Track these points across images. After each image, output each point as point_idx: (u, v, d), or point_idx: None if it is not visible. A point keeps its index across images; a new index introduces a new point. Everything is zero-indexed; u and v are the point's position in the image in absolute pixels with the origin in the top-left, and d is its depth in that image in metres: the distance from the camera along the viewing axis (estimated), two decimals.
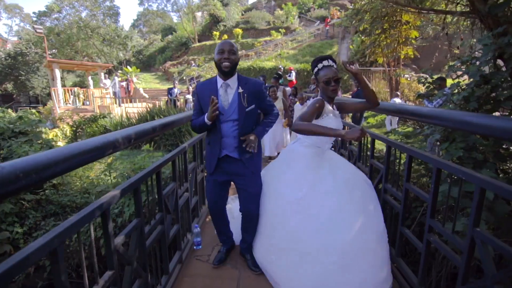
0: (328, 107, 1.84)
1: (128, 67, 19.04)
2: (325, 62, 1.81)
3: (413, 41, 9.73)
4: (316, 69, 1.84)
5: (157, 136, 6.27)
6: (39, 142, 4.64)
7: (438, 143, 2.70)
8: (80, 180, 4.58)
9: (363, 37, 11.01)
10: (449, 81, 4.05)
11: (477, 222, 1.23)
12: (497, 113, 2.48)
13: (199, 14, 28.85)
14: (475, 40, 3.40)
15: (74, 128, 5.81)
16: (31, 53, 25.83)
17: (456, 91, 2.35)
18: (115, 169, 4.26)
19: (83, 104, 14.48)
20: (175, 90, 10.56)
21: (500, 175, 2.38)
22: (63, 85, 17.05)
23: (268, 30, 23.02)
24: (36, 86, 28.01)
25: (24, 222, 3.68)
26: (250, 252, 2.11)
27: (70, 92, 14.75)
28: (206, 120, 1.79)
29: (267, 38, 21.56)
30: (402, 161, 2.02)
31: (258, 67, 16.25)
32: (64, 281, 0.82)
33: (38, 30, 14.30)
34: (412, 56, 10.22)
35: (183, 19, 29.26)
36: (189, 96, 9.74)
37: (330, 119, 1.84)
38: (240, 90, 1.81)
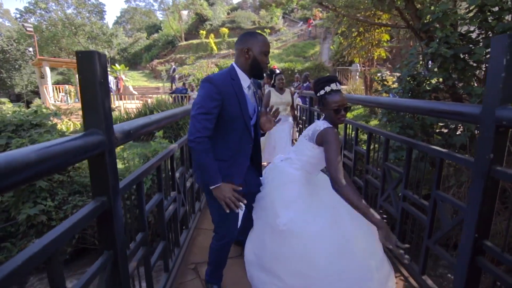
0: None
1: (117, 65, 19.31)
2: (333, 86, 1.55)
3: (384, 44, 10.83)
4: (323, 92, 1.58)
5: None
6: (57, 132, 5.26)
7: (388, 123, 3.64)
8: None
9: (341, 39, 12.04)
10: None
11: (438, 185, 1.57)
12: None
13: (185, 12, 29.19)
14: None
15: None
16: (12, 50, 25.34)
17: (395, 85, 3.29)
18: (131, 155, 4.98)
19: (74, 101, 14.76)
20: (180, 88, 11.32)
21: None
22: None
23: (253, 30, 23.78)
24: (17, 84, 27.46)
25: (54, 198, 4.34)
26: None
27: (58, 90, 14.96)
28: (213, 186, 1.42)
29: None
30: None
31: None
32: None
33: (28, 28, 14.40)
34: (384, 57, 11.35)
35: (169, 17, 29.50)
36: (192, 93, 10.34)
37: None
38: (256, 90, 1.64)
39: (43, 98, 14.72)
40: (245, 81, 1.52)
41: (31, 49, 24.35)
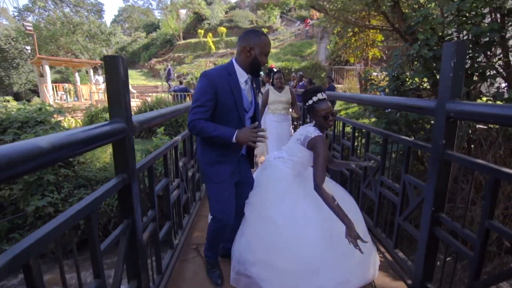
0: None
1: None
2: (319, 95, 1.78)
3: (379, 44, 11.09)
4: (311, 102, 1.80)
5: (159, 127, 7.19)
6: (62, 129, 5.47)
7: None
8: (98, 161, 5.47)
9: (337, 39, 12.30)
10: None
11: (406, 170, 1.84)
12: None
13: (183, 11, 29.32)
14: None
15: (90, 117, 6.64)
16: (10, 49, 25.38)
17: (381, 84, 3.54)
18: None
19: (73, 100, 14.91)
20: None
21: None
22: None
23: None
24: (15, 83, 27.49)
25: (60, 191, 4.56)
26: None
27: (57, 88, 15.09)
28: (234, 138, 1.50)
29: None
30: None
31: None
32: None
33: (28, 27, 14.52)
34: (379, 56, 11.63)
35: (167, 16, 29.62)
36: (192, 91, 10.61)
37: None
38: (254, 85, 1.74)
39: (42, 97, 14.83)
40: (243, 76, 1.61)
41: (28, 47, 24.44)
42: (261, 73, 12.37)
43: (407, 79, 3.28)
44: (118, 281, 1.25)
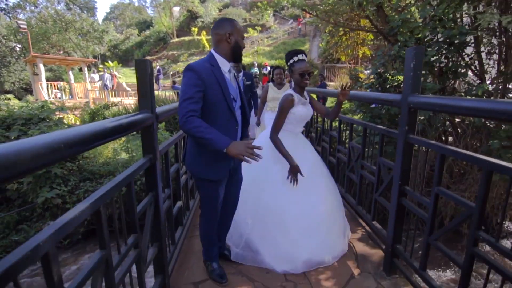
0: (298, 97, 2.07)
1: (110, 61, 19.47)
2: (300, 56, 1.98)
3: (368, 42, 11.50)
4: (291, 61, 2.00)
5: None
6: (64, 125, 5.70)
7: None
8: (100, 156, 5.72)
9: (328, 38, 12.66)
10: None
11: (381, 153, 2.17)
12: None
13: (176, 9, 29.33)
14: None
15: (91, 114, 6.86)
16: (1, 47, 25.08)
17: (366, 81, 3.89)
18: (134, 146, 5.47)
19: (68, 98, 14.95)
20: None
21: None
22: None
23: (245, 27, 24.24)
24: (5, 81, 27.17)
25: (67, 184, 4.81)
26: (224, 248, 2.12)
27: (51, 86, 15.10)
28: (225, 148, 1.44)
29: (244, 35, 22.80)
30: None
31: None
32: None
33: (22, 26, 14.49)
34: (369, 55, 12.04)
35: (160, 14, 29.60)
36: None
37: (300, 107, 2.07)
38: (240, 76, 1.88)
39: (36, 95, 14.82)
40: (225, 65, 1.60)
41: (19, 45, 24.19)
42: (255, 70, 12.52)
43: (389, 77, 3.64)
44: (147, 242, 1.55)
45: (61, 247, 4.77)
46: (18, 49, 24.01)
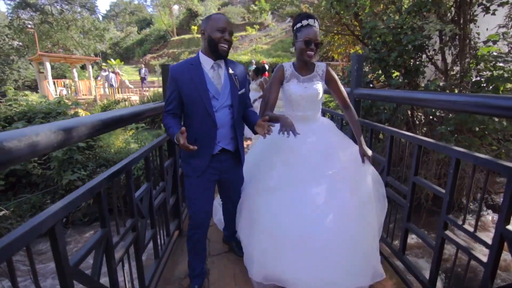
0: (291, 71, 1.76)
1: (112, 59, 20.08)
2: (310, 21, 1.62)
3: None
4: (299, 25, 1.65)
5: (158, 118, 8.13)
6: None
7: None
8: (113, 146, 6.41)
9: (322, 37, 13.30)
10: None
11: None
12: None
13: (176, 7, 29.84)
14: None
15: (104, 109, 7.53)
16: (4, 45, 25.59)
17: (345, 80, 4.57)
18: (144, 136, 6.15)
19: (73, 95, 15.58)
20: None
21: None
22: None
23: (243, 25, 24.82)
24: (8, 79, 27.71)
25: (86, 168, 5.50)
26: (235, 238, 2.05)
27: (56, 84, 15.69)
28: (175, 140, 1.41)
29: (243, 33, 23.41)
30: None
31: (236, 61, 18.15)
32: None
33: (28, 26, 15.06)
34: (361, 53, 12.69)
35: (160, 12, 30.10)
36: None
37: (293, 85, 1.74)
38: (231, 71, 1.61)
39: (42, 92, 15.40)
40: (207, 63, 1.56)
41: (21, 44, 24.68)
42: (252, 67, 12.97)
43: (364, 75, 4.31)
44: (145, 226, 2.21)
45: (81, 224, 5.47)
46: (20, 47, 24.51)
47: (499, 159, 1.19)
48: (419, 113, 4.59)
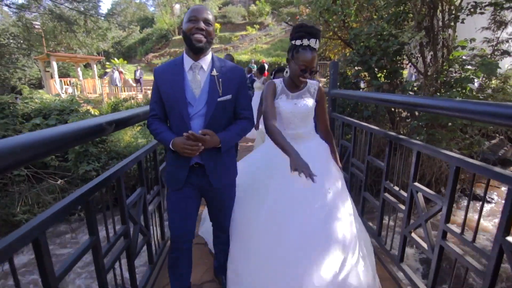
0: (281, 87, 1.70)
1: (116, 59, 20.59)
2: (312, 42, 1.49)
3: None
4: (298, 43, 1.52)
5: None
6: (90, 115, 6.93)
7: None
8: (122, 140, 6.96)
9: None
10: None
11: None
12: None
13: (177, 6, 30.27)
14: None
15: (113, 106, 8.08)
16: (9, 44, 26.06)
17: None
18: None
19: (79, 93, 16.10)
20: None
21: None
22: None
23: (244, 25, 25.29)
24: (13, 78, 28.20)
25: (99, 160, 6.06)
26: (225, 272, 1.75)
27: (61, 82, 16.20)
28: (170, 145, 1.34)
29: (243, 33, 23.90)
30: None
31: (236, 60, 18.66)
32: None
33: (36, 27, 15.59)
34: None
35: (162, 11, 30.53)
36: None
37: (282, 101, 1.69)
38: (214, 72, 1.38)
39: (48, 91, 15.87)
40: (188, 62, 1.39)
41: (25, 43, 25.15)
42: (253, 66, 13.47)
43: (349, 73, 4.83)
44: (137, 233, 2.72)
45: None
46: (26, 46, 24.97)
47: (472, 152, 1.45)
48: (399, 110, 5.13)
